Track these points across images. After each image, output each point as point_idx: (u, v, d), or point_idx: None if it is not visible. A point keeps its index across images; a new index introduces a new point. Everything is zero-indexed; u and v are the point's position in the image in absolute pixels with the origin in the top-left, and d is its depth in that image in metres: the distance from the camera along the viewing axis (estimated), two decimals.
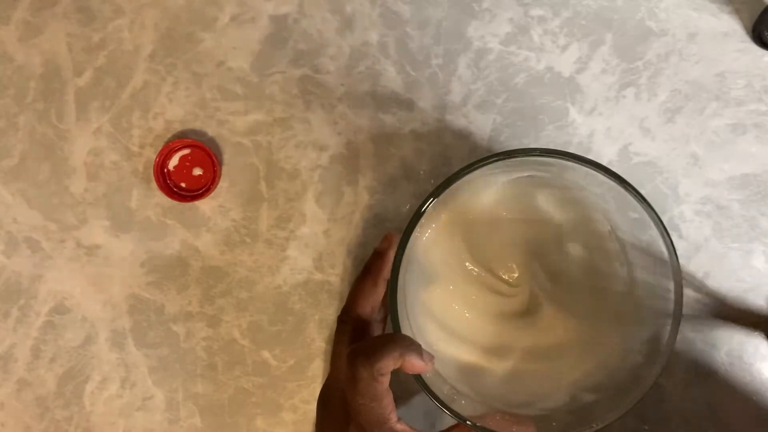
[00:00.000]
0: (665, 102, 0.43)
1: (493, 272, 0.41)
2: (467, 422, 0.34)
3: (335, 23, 0.43)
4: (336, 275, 0.43)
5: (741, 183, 0.43)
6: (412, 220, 0.35)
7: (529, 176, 0.39)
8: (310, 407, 0.43)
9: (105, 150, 0.43)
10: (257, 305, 0.43)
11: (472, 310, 0.40)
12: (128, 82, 0.43)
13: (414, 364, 0.33)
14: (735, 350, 0.43)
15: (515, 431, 0.35)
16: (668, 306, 0.35)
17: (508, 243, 0.41)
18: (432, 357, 0.35)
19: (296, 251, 0.43)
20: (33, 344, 0.43)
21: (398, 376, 0.43)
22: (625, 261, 0.39)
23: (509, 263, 0.41)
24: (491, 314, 0.41)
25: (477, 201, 0.40)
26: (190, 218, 0.43)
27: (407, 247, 0.35)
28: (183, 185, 0.43)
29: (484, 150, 0.43)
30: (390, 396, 0.34)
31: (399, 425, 0.34)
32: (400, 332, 0.35)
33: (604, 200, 0.38)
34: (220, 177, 0.43)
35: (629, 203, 0.36)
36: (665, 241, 0.35)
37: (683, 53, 0.43)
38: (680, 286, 0.35)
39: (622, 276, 0.39)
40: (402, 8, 0.43)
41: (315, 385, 0.43)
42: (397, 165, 0.43)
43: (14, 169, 0.43)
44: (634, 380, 0.36)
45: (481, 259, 0.41)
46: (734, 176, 0.43)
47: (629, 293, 0.39)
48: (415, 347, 0.34)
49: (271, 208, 0.43)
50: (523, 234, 0.41)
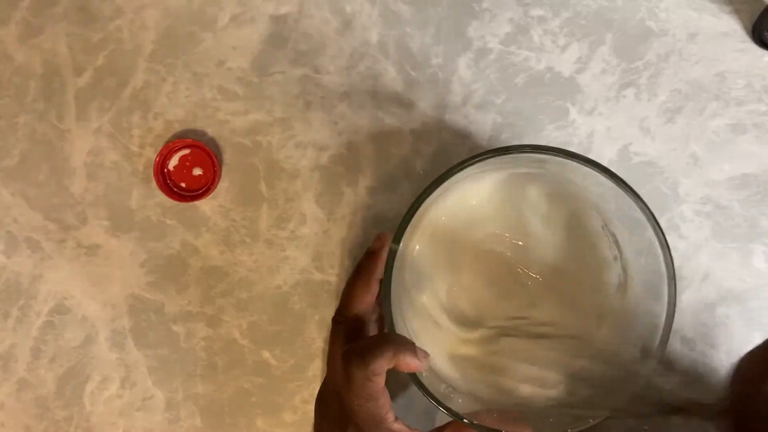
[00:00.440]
0: (665, 102, 0.43)
1: (489, 267, 0.41)
2: (463, 420, 0.34)
3: (335, 23, 0.43)
4: (336, 275, 0.43)
5: (741, 183, 0.43)
6: (405, 218, 0.35)
7: (524, 173, 0.39)
8: (310, 407, 0.43)
9: (105, 150, 0.43)
10: (257, 305, 0.43)
11: (468, 304, 0.40)
12: (128, 82, 0.43)
13: (408, 363, 0.33)
14: (735, 350, 0.43)
15: None
16: (662, 302, 0.35)
17: (502, 238, 0.41)
18: (427, 355, 0.35)
19: (296, 251, 0.43)
20: (33, 344, 0.43)
21: (397, 376, 0.43)
22: (619, 257, 0.39)
23: (503, 259, 0.41)
24: (486, 308, 0.41)
25: (472, 197, 0.40)
26: (190, 218, 0.43)
27: (401, 246, 0.35)
28: (183, 185, 0.43)
29: (484, 150, 0.43)
30: (386, 395, 0.34)
31: (396, 425, 0.34)
32: (395, 331, 0.35)
33: (601, 198, 0.38)
34: (220, 177, 0.43)
35: (625, 201, 0.36)
36: (659, 237, 0.35)
37: (683, 53, 0.43)
38: (674, 281, 0.35)
39: (617, 271, 0.39)
40: (402, 8, 0.43)
41: (315, 385, 0.43)
42: (397, 165, 0.43)
43: (14, 169, 0.43)
44: (630, 375, 0.36)
45: (477, 254, 0.41)
46: (734, 176, 0.43)
47: (623, 288, 0.39)
48: (409, 346, 0.34)
49: (271, 208, 0.43)
50: (517, 228, 0.41)
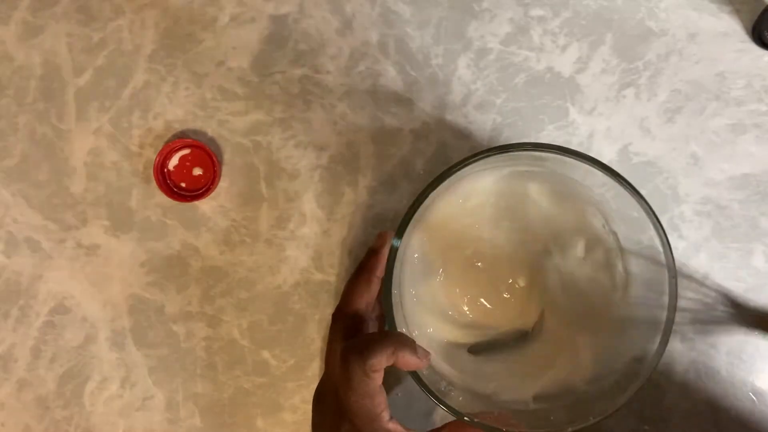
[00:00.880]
0: (665, 102, 0.43)
1: (489, 266, 0.41)
2: (464, 417, 0.34)
3: (335, 23, 0.43)
4: (336, 275, 0.43)
5: (741, 183, 0.43)
6: (406, 217, 0.35)
7: (525, 171, 0.39)
8: (310, 407, 0.43)
9: (105, 150, 0.43)
10: (257, 305, 0.43)
11: (468, 303, 0.40)
12: (128, 82, 0.43)
13: (408, 361, 0.33)
14: (735, 350, 0.43)
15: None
16: (663, 300, 0.35)
17: (503, 237, 0.41)
18: (427, 354, 0.35)
19: (296, 251, 0.43)
20: (33, 344, 0.43)
21: (397, 375, 0.43)
22: (620, 255, 0.39)
23: (504, 256, 0.41)
24: (486, 308, 0.41)
25: (473, 196, 0.40)
26: (190, 218, 0.43)
27: (402, 244, 0.35)
28: (183, 185, 0.43)
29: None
30: (383, 394, 0.34)
31: (390, 424, 0.34)
32: (395, 329, 0.35)
33: (602, 196, 0.38)
34: (220, 177, 0.43)
35: (626, 200, 0.36)
36: (660, 236, 0.35)
37: (683, 53, 0.43)
38: (675, 280, 0.35)
39: (618, 270, 0.39)
40: (402, 8, 0.43)
41: (314, 385, 0.43)
42: (397, 165, 0.43)
43: (14, 169, 0.43)
44: (631, 373, 0.36)
45: (477, 253, 0.41)
46: (734, 176, 0.43)
47: (624, 287, 0.39)
48: (409, 344, 0.34)
49: (271, 208, 0.43)
50: (517, 227, 0.41)
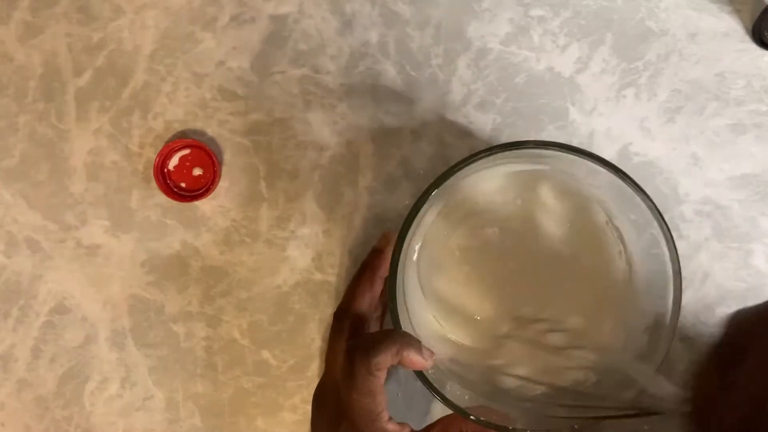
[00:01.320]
0: (665, 102, 0.43)
1: (494, 264, 0.41)
2: (469, 417, 0.34)
3: (335, 23, 0.43)
4: (336, 275, 0.43)
5: (741, 183, 0.43)
6: (410, 216, 0.35)
7: (529, 170, 0.39)
8: (310, 407, 0.43)
9: (105, 150, 0.43)
10: (257, 305, 0.43)
11: (473, 301, 0.40)
12: (128, 82, 0.43)
13: (412, 360, 0.33)
14: None
15: None
16: (667, 298, 0.35)
17: (508, 235, 0.41)
18: (432, 354, 0.35)
19: (296, 251, 0.43)
20: (33, 344, 0.43)
21: (397, 376, 0.43)
22: (624, 252, 0.39)
23: (508, 256, 0.41)
24: (491, 306, 0.41)
25: (476, 194, 0.40)
26: (190, 218, 0.43)
27: (406, 244, 0.35)
28: (183, 185, 0.43)
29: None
30: (384, 394, 0.34)
31: (390, 424, 0.34)
32: (400, 328, 0.35)
33: (605, 194, 0.38)
34: (220, 177, 0.43)
35: (629, 196, 0.36)
36: (663, 233, 0.35)
37: (683, 53, 0.43)
38: (679, 276, 0.35)
39: (622, 267, 0.39)
40: (402, 8, 0.43)
41: (315, 385, 0.43)
42: (397, 165, 0.43)
43: (14, 169, 0.43)
44: (632, 374, 0.36)
45: (482, 252, 0.41)
46: (734, 176, 0.43)
47: (628, 284, 0.39)
48: (414, 343, 0.34)
49: (271, 208, 0.43)
50: (522, 225, 0.41)
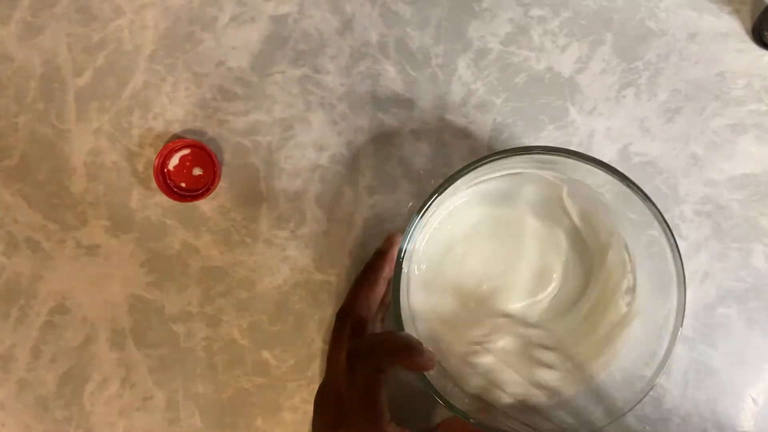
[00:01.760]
0: (665, 102, 0.43)
1: (495, 268, 0.41)
2: (470, 419, 0.34)
3: (335, 23, 0.43)
4: (336, 275, 0.43)
5: (741, 183, 0.43)
6: (414, 218, 0.35)
7: (533, 174, 0.39)
8: (310, 407, 0.43)
9: (105, 150, 0.43)
10: (257, 305, 0.43)
11: (476, 304, 0.40)
12: (128, 82, 0.43)
13: (414, 362, 0.33)
14: (735, 350, 0.43)
15: None
16: (671, 297, 0.35)
17: (510, 240, 0.41)
18: (434, 356, 0.35)
19: (296, 251, 0.43)
20: (33, 344, 0.43)
21: (397, 376, 0.43)
22: (629, 259, 0.39)
23: (513, 256, 0.41)
24: (493, 311, 0.41)
25: (481, 199, 0.40)
26: (190, 218, 0.43)
27: (409, 247, 0.35)
28: (183, 185, 0.43)
29: (484, 150, 0.43)
30: (384, 395, 0.34)
31: (389, 426, 0.34)
32: (402, 330, 0.35)
33: (602, 195, 0.38)
34: (220, 177, 0.43)
35: (631, 202, 0.36)
36: (668, 239, 0.35)
37: (683, 53, 0.43)
38: (683, 278, 0.35)
39: (626, 275, 0.39)
40: (402, 8, 0.43)
41: (315, 385, 0.43)
42: (397, 165, 0.43)
43: (14, 169, 0.43)
44: (634, 380, 0.36)
45: (484, 256, 0.41)
46: (734, 176, 0.43)
47: (632, 292, 0.39)
48: (416, 345, 0.34)
49: (271, 208, 0.43)
50: (526, 230, 0.41)
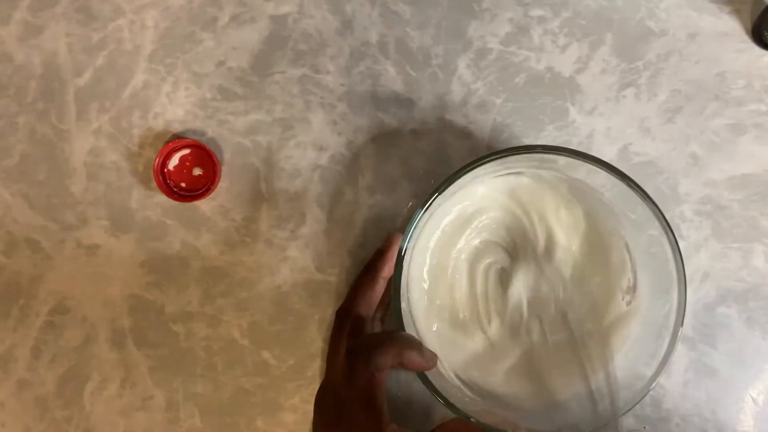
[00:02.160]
0: (665, 102, 0.43)
1: (497, 268, 0.41)
2: (471, 419, 0.34)
3: (335, 23, 0.43)
4: (336, 275, 0.43)
5: (741, 183, 0.43)
6: (414, 218, 0.35)
7: (531, 173, 0.40)
8: (310, 407, 0.43)
9: (105, 150, 0.43)
10: (257, 305, 0.43)
11: (477, 305, 0.40)
12: (128, 82, 0.43)
13: (414, 362, 0.33)
14: (735, 350, 0.43)
15: None
16: (672, 297, 0.35)
17: (511, 240, 0.41)
18: (434, 356, 0.35)
19: (296, 251, 0.43)
20: (33, 344, 0.43)
21: (397, 376, 0.43)
22: (629, 258, 0.39)
23: (513, 258, 0.41)
24: (493, 311, 0.41)
25: (482, 198, 0.40)
26: (190, 218, 0.43)
27: (410, 246, 0.35)
28: (183, 185, 0.43)
29: (484, 150, 0.43)
30: (385, 395, 0.34)
31: (390, 427, 0.34)
32: (403, 330, 0.35)
33: (602, 195, 0.38)
34: (220, 177, 0.43)
35: (632, 202, 0.36)
36: (669, 240, 0.35)
37: (683, 53, 0.43)
38: (683, 277, 0.35)
39: (627, 275, 0.39)
40: (402, 8, 0.43)
41: (315, 385, 0.43)
42: (397, 165, 0.43)
43: (14, 169, 0.43)
44: (635, 379, 0.36)
45: (485, 256, 0.41)
46: (734, 176, 0.43)
47: (632, 291, 0.39)
48: (416, 345, 0.34)
49: (271, 208, 0.43)
50: (527, 229, 0.41)
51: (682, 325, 0.35)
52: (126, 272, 0.43)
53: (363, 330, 0.37)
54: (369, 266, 0.39)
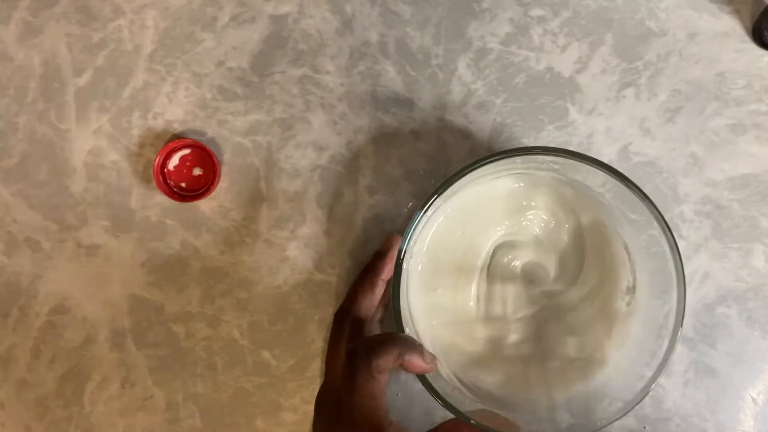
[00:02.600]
0: (665, 102, 0.43)
1: (497, 271, 0.41)
2: (471, 421, 0.34)
3: (335, 23, 0.43)
4: (336, 275, 0.43)
5: (741, 183, 0.43)
6: (413, 219, 0.35)
7: (531, 174, 0.40)
8: (310, 407, 0.43)
9: (105, 150, 0.43)
10: (257, 305, 0.43)
11: (476, 306, 0.40)
12: (128, 82, 0.43)
13: (413, 363, 0.33)
14: (735, 350, 0.43)
15: None
16: (671, 296, 0.35)
17: (511, 242, 0.41)
18: (434, 358, 0.35)
19: (296, 251, 0.43)
20: (33, 344, 0.43)
21: (397, 377, 0.43)
22: (629, 259, 0.39)
23: (511, 262, 0.41)
24: (492, 313, 0.41)
25: (481, 199, 0.40)
26: (190, 218, 0.43)
27: (409, 248, 0.35)
28: (183, 185, 0.43)
29: (484, 150, 0.43)
30: (385, 396, 0.34)
31: (390, 427, 0.34)
32: (403, 332, 0.35)
33: (602, 196, 0.38)
34: (220, 177, 0.43)
35: (631, 203, 0.36)
36: (668, 240, 0.35)
37: (683, 53, 0.43)
38: (682, 277, 0.35)
39: (626, 276, 0.39)
40: (402, 8, 0.43)
41: (315, 385, 0.43)
42: (397, 165, 0.43)
43: (14, 169, 0.43)
44: (635, 380, 0.36)
45: (485, 258, 0.41)
46: (734, 176, 0.43)
47: (632, 291, 0.39)
48: (416, 347, 0.34)
49: (271, 208, 0.43)
50: (527, 231, 0.41)
51: (682, 326, 0.35)
52: (126, 272, 0.43)
53: (362, 331, 0.37)
54: (368, 268, 0.39)
